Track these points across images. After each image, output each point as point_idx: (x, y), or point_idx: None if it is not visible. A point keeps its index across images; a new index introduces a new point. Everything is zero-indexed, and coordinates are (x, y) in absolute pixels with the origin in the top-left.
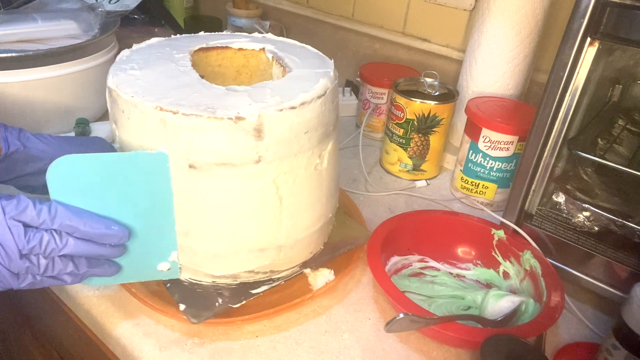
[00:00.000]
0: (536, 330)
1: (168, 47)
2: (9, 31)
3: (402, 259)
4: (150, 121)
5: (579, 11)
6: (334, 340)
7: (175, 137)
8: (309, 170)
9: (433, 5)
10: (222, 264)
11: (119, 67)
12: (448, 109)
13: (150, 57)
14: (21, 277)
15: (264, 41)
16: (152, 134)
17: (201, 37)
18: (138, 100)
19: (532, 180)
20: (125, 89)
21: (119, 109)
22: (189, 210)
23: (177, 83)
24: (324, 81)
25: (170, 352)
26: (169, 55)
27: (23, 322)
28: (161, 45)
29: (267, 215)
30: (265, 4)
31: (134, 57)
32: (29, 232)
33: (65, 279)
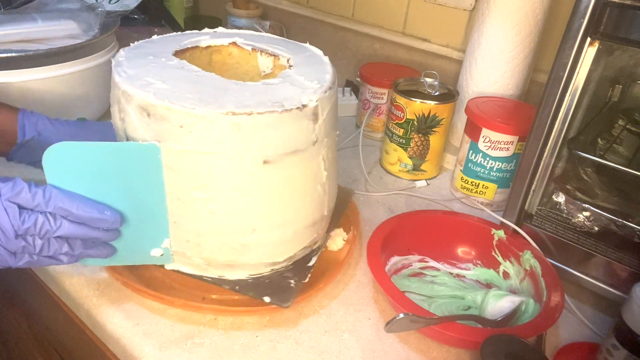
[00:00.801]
0: (536, 330)
1: (151, 56)
2: (9, 31)
3: (402, 259)
4: (220, 129)
5: (579, 11)
6: (334, 340)
7: (249, 137)
8: (334, 143)
9: (433, 5)
10: (283, 249)
11: (136, 83)
12: (448, 109)
13: (147, 63)
14: (18, 256)
15: (230, 35)
16: (223, 141)
17: (174, 37)
18: (205, 111)
19: (532, 180)
20: (177, 102)
21: (174, 126)
22: (258, 207)
23: (204, 86)
24: (329, 65)
25: (170, 352)
26: (160, 58)
27: (23, 322)
28: (143, 51)
29: (319, 190)
30: (265, 4)
31: (138, 71)
32: (23, 214)
33: (62, 259)
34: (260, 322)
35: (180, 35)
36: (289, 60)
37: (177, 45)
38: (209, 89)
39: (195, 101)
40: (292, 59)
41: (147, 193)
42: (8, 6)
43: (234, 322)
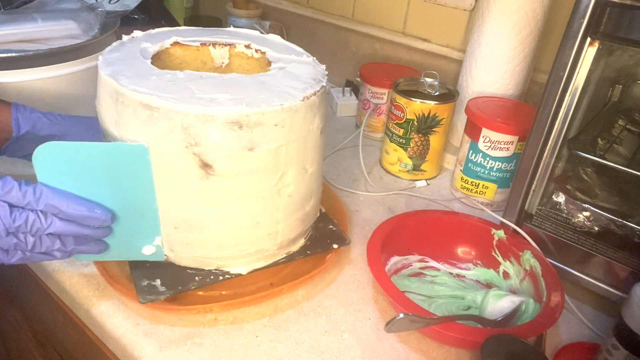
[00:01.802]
0: (536, 330)
1: (133, 58)
2: (9, 31)
3: (402, 259)
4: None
5: (579, 11)
6: (334, 340)
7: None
8: None
9: (433, 5)
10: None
11: (159, 94)
12: (448, 109)
13: (138, 68)
14: (11, 253)
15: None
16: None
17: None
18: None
19: (532, 180)
20: (206, 110)
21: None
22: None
23: (220, 85)
24: (304, 55)
25: (170, 352)
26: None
27: (23, 322)
28: (124, 54)
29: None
30: (265, 4)
31: (135, 79)
32: (14, 212)
33: (55, 254)
34: (260, 322)
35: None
36: (249, 45)
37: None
38: (223, 86)
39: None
40: (252, 44)
41: (137, 192)
42: (8, 6)
43: (234, 322)
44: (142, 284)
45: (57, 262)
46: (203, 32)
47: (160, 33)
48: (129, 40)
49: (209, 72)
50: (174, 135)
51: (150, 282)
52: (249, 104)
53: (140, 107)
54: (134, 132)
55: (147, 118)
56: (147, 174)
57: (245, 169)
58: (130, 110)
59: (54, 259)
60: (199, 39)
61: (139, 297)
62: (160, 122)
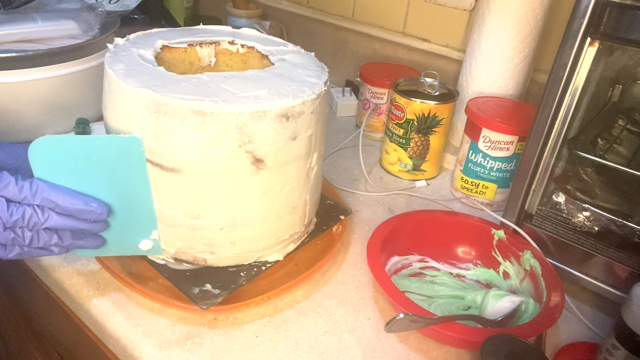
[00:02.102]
0: (536, 330)
1: (141, 66)
2: (9, 31)
3: (402, 259)
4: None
5: (579, 11)
6: (334, 340)
7: None
8: None
9: (433, 5)
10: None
11: (208, 99)
12: (448, 109)
13: (156, 76)
14: (8, 248)
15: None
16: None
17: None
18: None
19: (532, 180)
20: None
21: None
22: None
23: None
24: (289, 45)
25: (170, 352)
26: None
27: (23, 322)
28: (126, 57)
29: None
30: (265, 4)
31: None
32: (11, 207)
33: (53, 249)
34: (260, 322)
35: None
36: (233, 41)
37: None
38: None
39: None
40: (236, 40)
41: (132, 185)
42: (8, 6)
43: (234, 322)
44: (194, 292)
45: (57, 261)
46: (179, 32)
47: (141, 37)
48: (116, 48)
49: (196, 72)
50: (228, 137)
51: (201, 288)
52: (294, 96)
53: (190, 114)
54: (182, 142)
55: (198, 124)
56: (141, 166)
57: (289, 158)
58: (177, 120)
59: (52, 254)
60: (183, 40)
61: (199, 304)
62: (213, 126)
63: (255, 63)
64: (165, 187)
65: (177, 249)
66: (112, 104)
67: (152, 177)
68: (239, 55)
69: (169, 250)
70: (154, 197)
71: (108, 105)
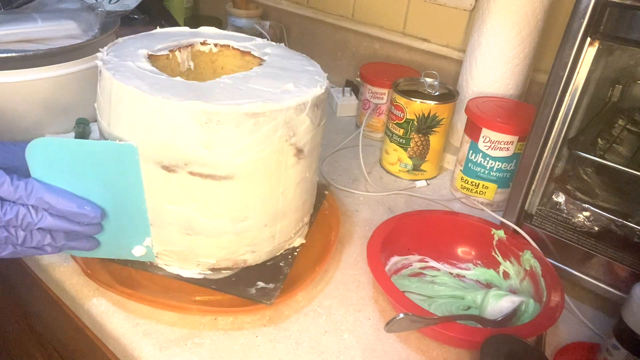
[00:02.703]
0: (536, 330)
1: (153, 78)
2: (9, 31)
3: (402, 259)
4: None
5: (579, 11)
6: (334, 340)
7: None
8: None
9: (433, 5)
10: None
11: (258, 100)
12: (448, 109)
13: (178, 85)
14: (1, 247)
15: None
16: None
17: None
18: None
19: (532, 180)
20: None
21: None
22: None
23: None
24: (255, 39)
25: (170, 352)
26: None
27: (23, 322)
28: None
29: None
30: (265, 4)
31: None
32: (5, 206)
33: (46, 249)
34: (260, 322)
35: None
36: (205, 41)
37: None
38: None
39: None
40: (207, 40)
41: (126, 191)
42: (8, 6)
43: (234, 322)
44: (252, 292)
45: (57, 261)
46: (141, 39)
47: (116, 49)
48: (109, 64)
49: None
50: (277, 134)
51: (255, 287)
52: (320, 85)
53: (244, 118)
54: (235, 147)
55: (252, 127)
56: (136, 174)
57: (315, 143)
58: (231, 126)
59: (45, 254)
60: (160, 47)
61: (264, 301)
62: (265, 126)
63: (235, 61)
64: (213, 198)
65: (218, 258)
66: (131, 120)
67: (198, 191)
68: (215, 54)
69: (207, 261)
70: (199, 213)
71: (119, 122)
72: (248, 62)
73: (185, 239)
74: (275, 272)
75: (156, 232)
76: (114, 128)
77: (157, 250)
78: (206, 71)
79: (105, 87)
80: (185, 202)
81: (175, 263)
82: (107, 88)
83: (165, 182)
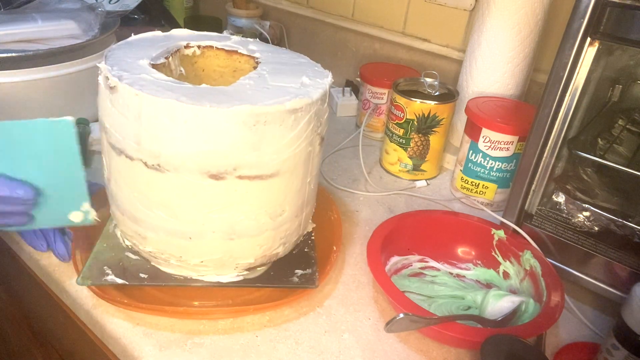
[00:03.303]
0: (536, 330)
1: (172, 88)
2: (9, 31)
3: (402, 259)
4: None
5: (579, 11)
6: (334, 340)
7: None
8: None
9: (433, 5)
10: None
11: (296, 96)
12: (448, 109)
13: (204, 92)
14: None
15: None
16: None
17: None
18: None
19: (532, 180)
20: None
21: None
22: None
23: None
24: (232, 38)
25: (170, 352)
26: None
27: (23, 322)
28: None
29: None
30: (265, 4)
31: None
32: None
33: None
34: (260, 322)
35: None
36: (188, 44)
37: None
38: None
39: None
40: (191, 43)
41: (63, 165)
42: (8, 6)
43: (234, 322)
44: (296, 281)
45: (57, 261)
46: (126, 47)
47: (113, 62)
48: (124, 80)
49: None
50: (310, 125)
51: (295, 275)
52: (327, 75)
53: (286, 115)
54: (280, 145)
55: (293, 122)
56: (73, 146)
57: (329, 129)
58: (276, 125)
59: None
60: (153, 55)
61: (310, 286)
62: (302, 121)
63: (218, 61)
64: (257, 198)
65: (256, 257)
66: (173, 134)
67: (245, 193)
68: (197, 56)
69: (246, 262)
70: (243, 215)
71: (156, 139)
72: (235, 60)
73: (226, 245)
74: (306, 258)
75: (195, 244)
76: (148, 145)
77: (194, 262)
78: (189, 75)
79: (129, 105)
80: (231, 207)
81: (212, 271)
82: (134, 105)
83: (212, 191)
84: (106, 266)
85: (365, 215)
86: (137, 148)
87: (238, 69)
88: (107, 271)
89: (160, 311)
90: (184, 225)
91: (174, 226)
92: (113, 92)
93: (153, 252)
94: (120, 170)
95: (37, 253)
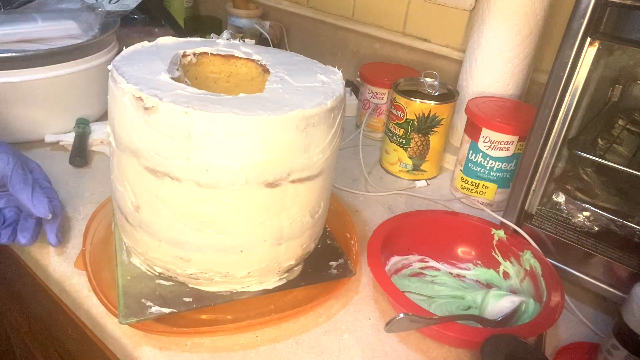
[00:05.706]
0: (536, 330)
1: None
2: (9, 31)
3: (402, 259)
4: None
5: (579, 11)
6: (334, 340)
7: None
8: None
9: (433, 5)
10: None
11: (324, 94)
12: (448, 109)
13: (248, 100)
14: None
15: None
16: None
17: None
18: None
19: (532, 180)
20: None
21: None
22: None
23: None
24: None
25: (170, 352)
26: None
27: (23, 323)
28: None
29: None
30: (265, 4)
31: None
32: None
33: None
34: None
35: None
36: (184, 53)
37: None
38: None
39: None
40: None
41: None
42: (8, 6)
43: None
44: (334, 273)
45: (57, 261)
46: (131, 57)
47: (128, 75)
48: (163, 96)
49: None
50: (339, 121)
51: (332, 268)
52: (339, 72)
53: (328, 115)
54: (324, 144)
55: (332, 121)
56: None
57: None
58: (322, 126)
59: None
60: (166, 67)
61: (348, 275)
62: (338, 116)
63: (213, 68)
64: (304, 198)
65: (297, 257)
66: (230, 148)
67: (294, 196)
68: (189, 66)
69: (288, 265)
70: (291, 219)
71: (211, 156)
72: (232, 65)
73: (274, 251)
74: (332, 249)
75: (245, 256)
76: (201, 163)
77: (241, 275)
78: (194, 77)
79: (175, 124)
80: (281, 212)
81: (256, 280)
82: (182, 124)
83: (267, 199)
84: (144, 299)
85: (365, 215)
86: (186, 167)
87: (233, 74)
88: (148, 304)
89: (214, 332)
90: (234, 239)
91: (223, 242)
92: (150, 113)
93: (194, 274)
94: (159, 195)
95: (38, 253)
